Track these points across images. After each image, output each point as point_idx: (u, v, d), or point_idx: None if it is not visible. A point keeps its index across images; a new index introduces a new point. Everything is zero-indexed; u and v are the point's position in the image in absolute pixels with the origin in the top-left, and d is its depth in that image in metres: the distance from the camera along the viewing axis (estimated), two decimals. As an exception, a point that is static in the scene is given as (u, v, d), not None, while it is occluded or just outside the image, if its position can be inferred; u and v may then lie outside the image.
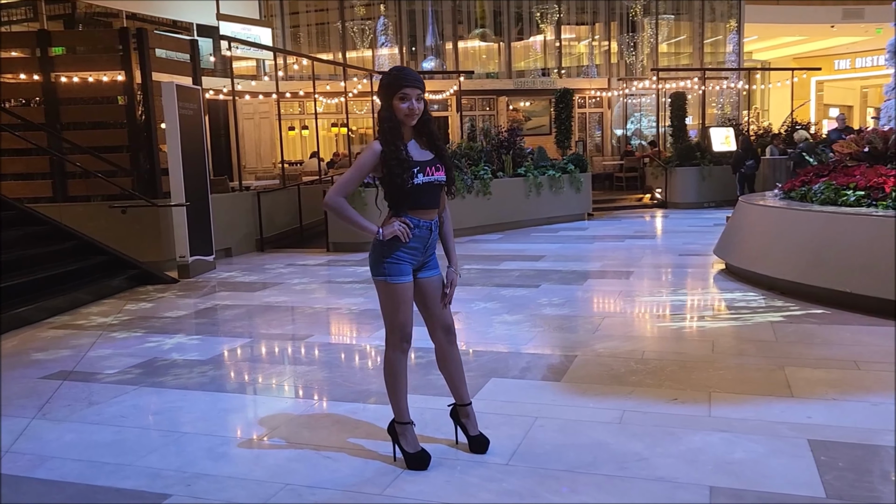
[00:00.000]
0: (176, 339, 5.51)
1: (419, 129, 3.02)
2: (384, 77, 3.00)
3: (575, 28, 19.65)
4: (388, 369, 3.13)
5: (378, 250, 3.03)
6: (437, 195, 3.09)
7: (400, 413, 3.14)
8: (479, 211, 11.55)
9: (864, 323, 5.24)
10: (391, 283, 3.01)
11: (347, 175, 2.98)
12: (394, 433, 3.16)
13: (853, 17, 23.36)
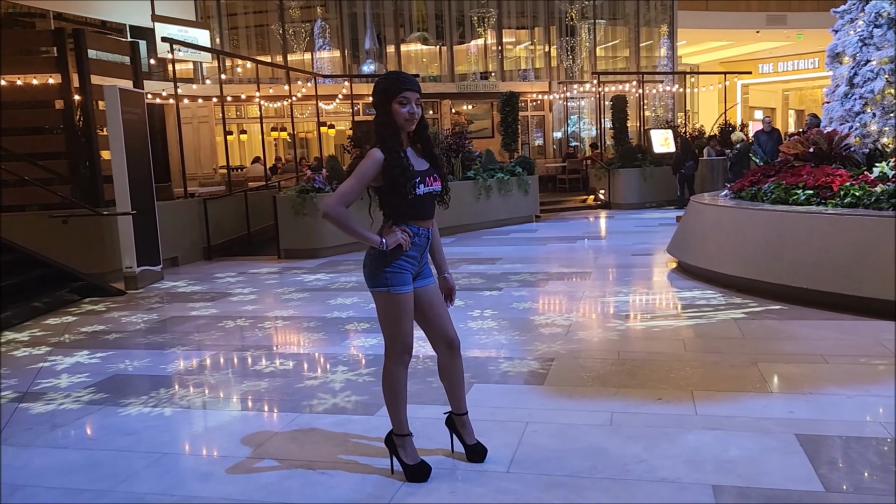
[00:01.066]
0: (133, 355, 5.28)
1: (415, 135, 2.96)
2: (380, 82, 2.91)
3: (515, 32, 19.85)
4: (389, 382, 3.04)
5: (377, 260, 2.94)
6: (435, 205, 3.04)
7: (400, 425, 3.06)
8: (430, 215, 11.48)
9: (822, 318, 5.43)
10: (394, 294, 2.92)
11: (348, 184, 2.86)
12: (392, 445, 3.09)
13: (776, 24, 24.37)
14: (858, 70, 6.97)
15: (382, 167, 2.84)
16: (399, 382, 3.03)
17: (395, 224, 2.96)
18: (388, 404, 3.07)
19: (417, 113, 2.87)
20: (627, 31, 20.60)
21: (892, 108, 6.68)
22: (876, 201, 5.74)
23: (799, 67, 30.81)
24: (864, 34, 6.94)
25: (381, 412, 3.85)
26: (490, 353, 4.93)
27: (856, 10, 7.21)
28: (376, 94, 2.88)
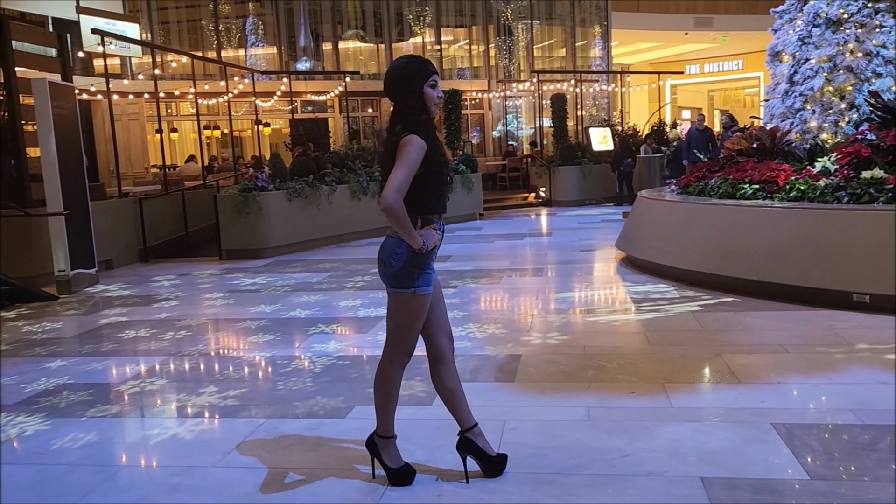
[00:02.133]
0: (74, 363, 4.97)
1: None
2: (405, 66, 2.76)
3: (453, 30, 19.84)
4: (384, 382, 2.91)
5: (410, 261, 2.76)
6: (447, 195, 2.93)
7: (386, 427, 2.93)
8: (375, 212, 11.33)
9: (775, 309, 5.56)
10: (419, 295, 2.79)
11: (403, 174, 2.63)
12: (375, 448, 2.95)
13: (704, 26, 25.12)
14: (798, 68, 7.19)
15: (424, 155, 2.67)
16: (394, 383, 2.91)
17: (422, 218, 2.76)
18: (378, 405, 2.93)
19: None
20: (563, 30, 20.85)
21: (830, 105, 6.92)
22: (821, 195, 5.91)
23: (724, 69, 31.91)
24: (803, 33, 7.17)
25: (351, 415, 3.73)
26: (458, 351, 4.79)
27: (794, 9, 7.44)
28: (403, 78, 2.73)
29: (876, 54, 6.77)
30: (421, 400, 3.91)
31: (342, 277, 7.84)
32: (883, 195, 5.56)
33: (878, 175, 5.73)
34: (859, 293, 5.40)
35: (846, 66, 6.80)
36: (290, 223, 10.02)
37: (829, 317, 5.21)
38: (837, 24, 6.92)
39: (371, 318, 5.86)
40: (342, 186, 10.92)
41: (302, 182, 10.21)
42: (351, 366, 4.60)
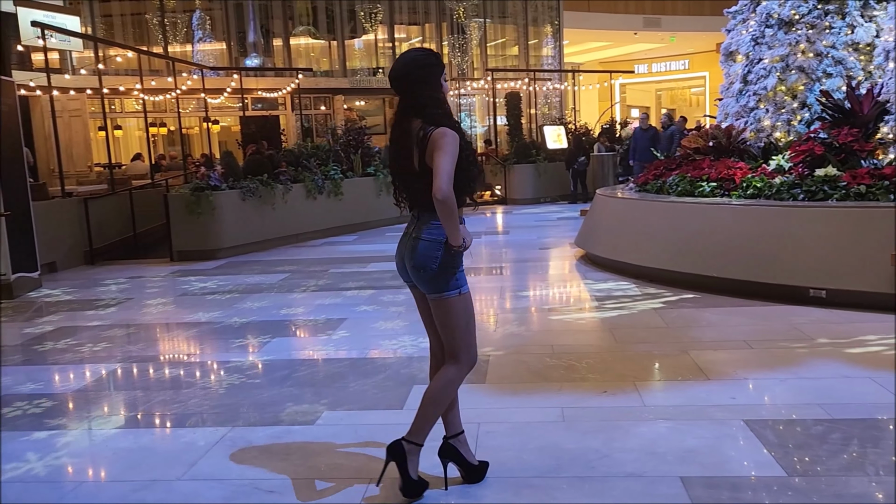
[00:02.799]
0: (21, 372, 4.72)
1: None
2: (424, 58, 2.69)
3: (406, 28, 19.70)
4: (448, 393, 2.78)
5: (448, 262, 2.67)
6: None
7: (425, 436, 2.78)
8: (331, 212, 11.20)
9: (735, 305, 5.63)
10: (465, 293, 2.74)
11: (449, 165, 2.54)
12: (402, 455, 2.73)
13: (652, 26, 25.54)
14: (752, 68, 7.32)
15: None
16: (456, 392, 2.84)
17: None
18: (430, 414, 2.76)
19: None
20: (516, 29, 20.92)
21: (783, 104, 7.06)
22: (777, 192, 6.02)
23: (671, 68, 32.52)
24: (756, 34, 7.30)
25: (320, 421, 3.62)
26: (421, 352, 4.75)
27: (747, 10, 7.57)
28: (426, 67, 2.66)
29: (826, 55, 6.93)
30: (391, 404, 3.82)
31: (301, 279, 7.68)
32: (836, 192, 5.68)
33: (831, 173, 5.85)
34: (816, 288, 5.51)
35: (798, 66, 6.95)
36: (245, 223, 9.78)
37: (787, 312, 5.30)
38: (789, 24, 7.06)
39: (333, 320, 5.73)
40: (297, 185, 10.72)
41: (256, 181, 9.98)
42: (316, 370, 4.49)
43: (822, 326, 4.89)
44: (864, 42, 6.89)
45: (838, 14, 6.95)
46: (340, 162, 11.82)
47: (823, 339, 4.59)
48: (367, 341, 5.08)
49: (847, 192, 5.64)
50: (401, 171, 2.74)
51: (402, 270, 2.83)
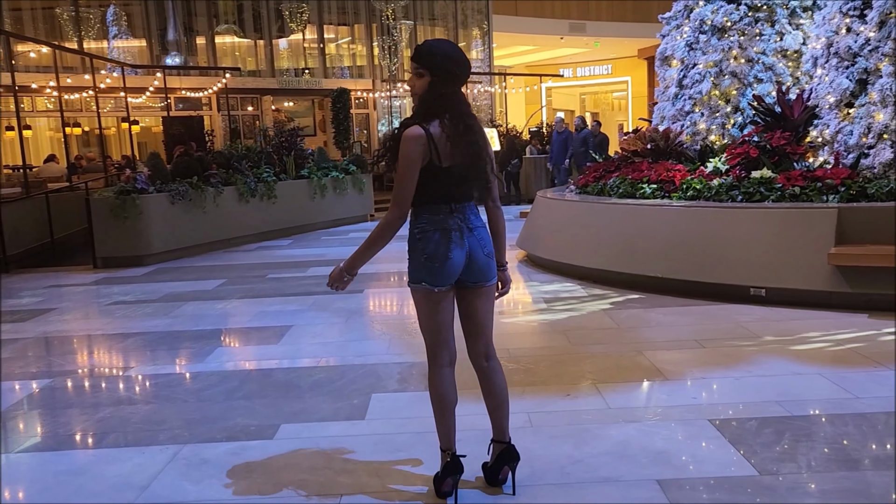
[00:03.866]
0: (-57, 391, 4.35)
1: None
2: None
3: (336, 28, 19.43)
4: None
5: None
6: None
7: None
8: (264, 215, 10.88)
9: (681, 304, 5.73)
10: None
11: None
12: (516, 456, 2.82)
13: (577, 31, 26.03)
14: (687, 72, 7.50)
15: None
16: None
17: None
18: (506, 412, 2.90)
19: (411, 87, 2.59)
20: (445, 31, 20.94)
21: (717, 108, 7.25)
22: (716, 193, 6.17)
23: (595, 73, 33.27)
24: (690, 39, 7.48)
25: (279, 435, 3.45)
26: (375, 359, 4.63)
27: (681, 16, 7.76)
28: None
29: (757, 61, 7.17)
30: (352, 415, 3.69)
31: (238, 285, 7.41)
32: (773, 193, 5.87)
33: (766, 175, 6.04)
34: (756, 287, 5.67)
35: (731, 71, 7.16)
36: (174, 227, 9.39)
37: (731, 311, 5.43)
38: (722, 31, 7.27)
39: (277, 327, 5.53)
40: (229, 188, 10.37)
41: (186, 184, 9.59)
42: (266, 381, 4.29)
43: (766, 324, 5.02)
44: (793, 49, 7.17)
45: (768, 22, 7.19)
46: (273, 164, 11.52)
47: (769, 337, 4.71)
48: (316, 349, 4.92)
49: (783, 193, 5.83)
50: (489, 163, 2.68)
51: (457, 269, 2.64)
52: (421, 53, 2.53)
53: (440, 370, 2.73)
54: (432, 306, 2.65)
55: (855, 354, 4.27)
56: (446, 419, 2.73)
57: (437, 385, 2.72)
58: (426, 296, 2.64)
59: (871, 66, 5.87)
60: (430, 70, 2.51)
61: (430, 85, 2.51)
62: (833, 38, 6.21)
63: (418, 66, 2.52)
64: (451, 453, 2.72)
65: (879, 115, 5.78)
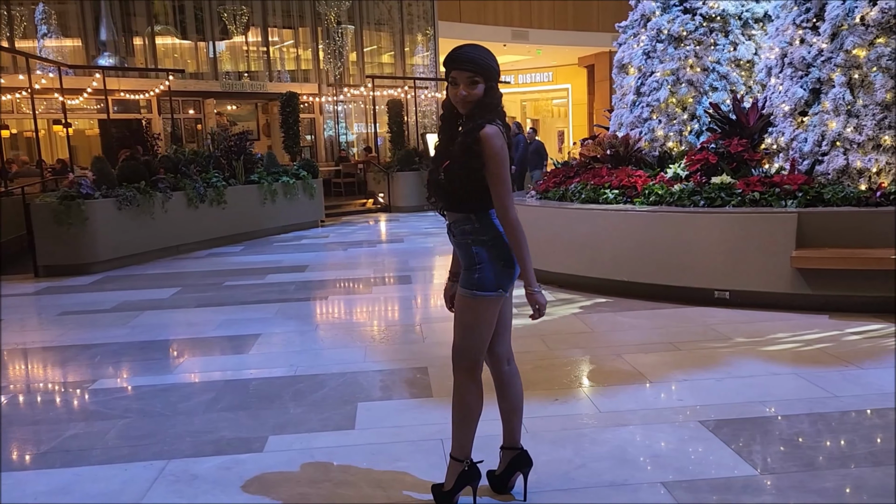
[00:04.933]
0: None
1: (469, 115, 2.55)
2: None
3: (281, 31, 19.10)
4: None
5: None
6: (442, 193, 2.63)
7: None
8: (214, 221, 10.60)
9: (647, 307, 5.83)
10: None
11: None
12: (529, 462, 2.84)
13: (520, 39, 26.34)
14: (645, 80, 7.65)
15: None
16: None
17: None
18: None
19: (466, 94, 2.48)
20: (391, 36, 20.86)
21: (674, 116, 7.43)
22: (679, 199, 6.31)
23: (536, 80, 33.73)
24: (648, 48, 7.64)
25: (269, 447, 3.34)
26: (354, 367, 4.54)
27: (637, 25, 7.91)
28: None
29: (712, 70, 7.37)
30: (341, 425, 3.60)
31: (195, 293, 7.17)
32: (733, 199, 6.03)
33: (726, 180, 6.21)
34: (720, 290, 5.82)
35: (687, 79, 7.34)
36: (122, 234, 9.04)
37: (699, 313, 5.55)
38: (678, 40, 7.45)
39: (246, 336, 5.38)
40: (177, 193, 10.06)
41: (133, 189, 9.25)
42: (245, 392, 4.16)
43: (734, 326, 5.15)
44: (746, 59, 7.39)
45: (722, 32, 7.40)
46: (222, 169, 11.24)
47: (740, 339, 4.83)
48: (290, 358, 4.79)
49: (743, 198, 6.00)
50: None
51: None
52: (474, 61, 2.48)
53: (479, 379, 2.69)
54: (494, 314, 2.62)
55: (824, 354, 4.42)
56: (472, 428, 2.70)
57: (476, 393, 2.68)
58: (496, 303, 2.61)
59: (824, 77, 6.10)
60: (484, 77, 2.49)
61: (488, 91, 2.50)
62: (787, 49, 6.44)
63: (473, 75, 2.48)
64: (469, 462, 2.67)
65: (832, 124, 6.01)
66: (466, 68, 2.47)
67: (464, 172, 2.48)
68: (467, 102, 2.50)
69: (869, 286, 5.30)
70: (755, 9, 7.52)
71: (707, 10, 7.42)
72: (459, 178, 2.50)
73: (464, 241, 2.60)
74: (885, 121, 5.79)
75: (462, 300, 2.61)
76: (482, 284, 2.56)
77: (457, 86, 2.50)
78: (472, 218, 2.57)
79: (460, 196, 2.55)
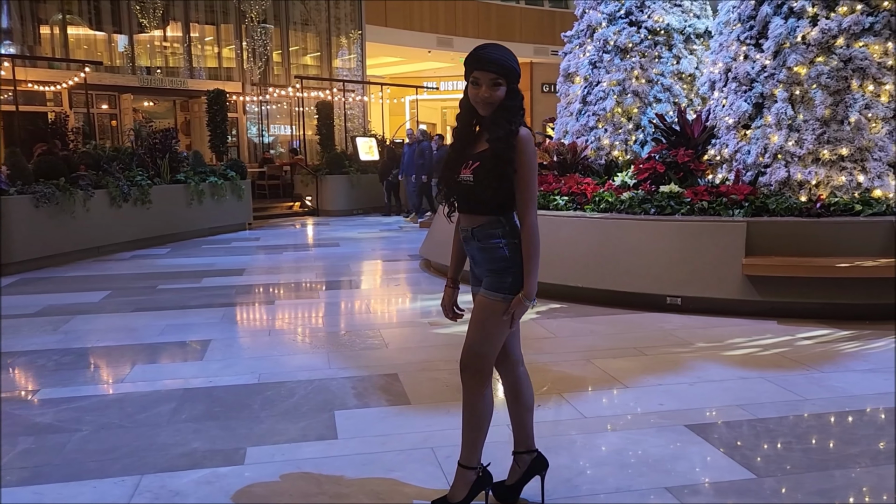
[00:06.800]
0: None
1: (493, 118, 2.47)
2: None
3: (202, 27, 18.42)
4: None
5: None
6: (464, 197, 2.54)
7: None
8: (138, 221, 10.07)
9: (603, 313, 5.88)
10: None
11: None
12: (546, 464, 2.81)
13: (445, 46, 26.46)
14: (591, 90, 7.78)
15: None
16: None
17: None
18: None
19: (488, 96, 2.41)
20: (317, 37, 20.50)
21: (620, 125, 7.58)
22: (630, 206, 6.42)
23: (458, 87, 33.93)
24: (594, 58, 7.78)
25: (249, 459, 3.13)
26: (323, 374, 4.36)
27: (583, 35, 8.05)
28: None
29: (656, 81, 7.58)
30: (322, 434, 3.43)
31: (127, 297, 6.76)
32: (682, 207, 6.19)
33: (674, 189, 6.36)
34: (672, 296, 5.94)
35: (633, 90, 7.51)
36: (39, 233, 8.44)
37: (653, 319, 5.64)
38: (625, 52, 7.62)
39: (196, 342, 5.09)
40: (99, 192, 9.49)
41: (51, 185, 8.66)
42: (209, 400, 3.91)
43: (691, 331, 5.26)
44: (688, 72, 7.64)
45: (666, 45, 7.63)
46: (146, 167, 10.69)
47: (701, 344, 4.93)
48: (249, 364, 4.56)
49: (692, 207, 6.16)
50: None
51: None
52: (498, 62, 2.41)
53: (491, 383, 2.63)
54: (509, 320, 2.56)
55: (784, 359, 4.56)
56: (485, 434, 2.61)
57: (490, 398, 2.62)
58: (526, 306, 2.59)
59: (767, 92, 6.35)
60: (507, 79, 2.43)
61: (510, 93, 2.45)
62: (731, 64, 6.67)
63: (497, 76, 2.41)
64: (481, 467, 2.59)
65: (775, 137, 6.26)
66: (491, 69, 2.41)
67: (497, 176, 2.43)
68: (489, 104, 2.44)
69: (814, 293, 5.53)
70: (697, 25, 7.78)
71: (652, 24, 7.62)
72: (493, 181, 2.44)
73: (493, 244, 2.53)
74: (823, 135, 6.08)
75: (492, 304, 2.53)
76: (516, 287, 2.48)
77: (478, 86, 2.43)
78: (503, 220, 2.52)
79: (490, 199, 2.48)
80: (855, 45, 6.03)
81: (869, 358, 4.55)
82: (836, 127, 6.05)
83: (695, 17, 7.78)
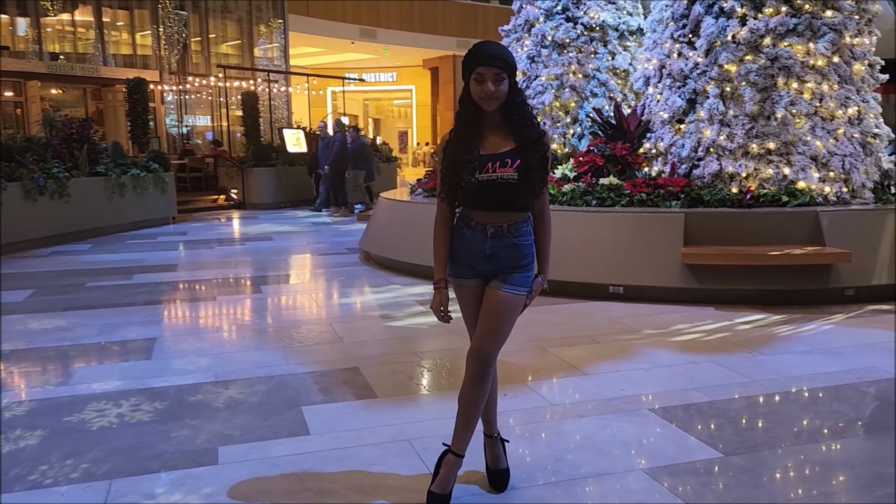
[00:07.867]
0: None
1: (505, 115, 2.51)
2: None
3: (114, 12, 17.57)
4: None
5: None
6: (502, 195, 2.54)
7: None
8: (55, 216, 9.59)
9: (548, 303, 5.92)
10: (454, 282, 2.76)
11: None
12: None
13: (368, 37, 26.25)
14: (529, 84, 7.90)
15: (442, 149, 2.63)
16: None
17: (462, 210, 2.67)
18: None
19: (494, 91, 2.44)
20: (238, 27, 19.95)
21: (558, 119, 7.73)
22: (571, 198, 6.57)
23: (381, 80, 33.76)
24: (532, 53, 7.89)
25: (223, 459, 3.05)
26: (282, 370, 4.27)
27: (521, 30, 8.15)
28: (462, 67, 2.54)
29: (592, 76, 7.76)
30: (294, 431, 3.38)
31: (54, 295, 6.42)
32: (623, 199, 6.38)
33: (614, 182, 6.56)
34: (614, 285, 6.12)
35: (570, 84, 7.68)
36: (-51, 229, 7.91)
37: (598, 307, 5.80)
38: (562, 47, 7.77)
39: (140, 341, 4.90)
40: (13, 184, 8.98)
41: (-38, 177, 8.13)
42: (167, 400, 3.77)
43: (636, 319, 5.44)
44: (622, 68, 7.86)
45: (601, 42, 7.82)
46: (62, 158, 10.16)
47: (648, 331, 5.11)
48: (202, 362, 4.42)
49: (631, 199, 6.36)
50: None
51: None
52: (501, 57, 2.45)
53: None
54: None
55: (727, 343, 4.79)
56: (477, 419, 2.68)
57: (489, 388, 2.73)
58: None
59: (700, 88, 6.62)
60: (509, 74, 2.48)
61: (513, 88, 2.51)
62: (665, 61, 6.91)
63: (501, 71, 2.44)
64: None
65: (707, 132, 6.53)
66: (495, 64, 2.44)
67: (542, 174, 2.57)
68: (494, 99, 2.47)
69: (746, 280, 5.82)
70: (630, 22, 8.01)
71: (588, 20, 7.80)
72: (539, 179, 2.55)
73: (524, 241, 2.66)
74: (752, 130, 6.38)
75: (517, 299, 2.70)
76: (526, 282, 2.70)
77: (482, 82, 2.45)
78: (528, 218, 2.66)
79: (530, 196, 2.59)
80: (780, 44, 6.35)
81: (803, 340, 4.82)
82: (763, 122, 6.36)
83: (628, 14, 8.01)
